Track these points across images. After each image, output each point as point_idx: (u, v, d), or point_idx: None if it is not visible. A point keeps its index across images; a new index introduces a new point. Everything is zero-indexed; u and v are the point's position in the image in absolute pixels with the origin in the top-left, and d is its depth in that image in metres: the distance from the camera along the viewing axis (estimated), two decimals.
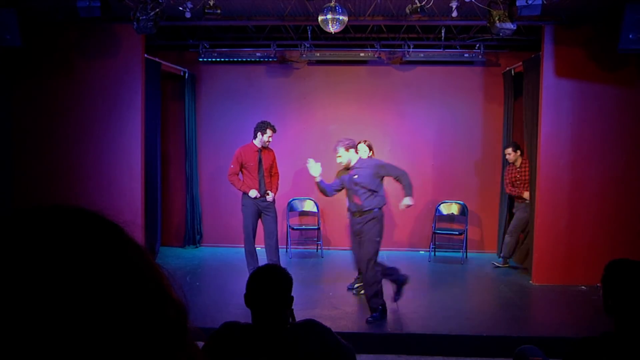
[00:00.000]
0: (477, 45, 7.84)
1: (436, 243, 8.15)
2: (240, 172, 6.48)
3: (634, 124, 6.57)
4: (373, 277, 5.18)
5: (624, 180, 6.58)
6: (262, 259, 6.41)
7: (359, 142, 6.10)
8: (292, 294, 2.27)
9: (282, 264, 6.59)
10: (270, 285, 2.21)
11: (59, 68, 6.90)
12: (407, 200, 5.34)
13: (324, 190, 5.37)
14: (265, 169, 6.46)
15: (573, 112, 6.59)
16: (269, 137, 6.41)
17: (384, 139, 8.50)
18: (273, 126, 6.46)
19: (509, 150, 7.34)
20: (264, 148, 6.46)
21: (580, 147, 6.60)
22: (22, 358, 0.47)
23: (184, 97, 8.25)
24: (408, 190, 5.34)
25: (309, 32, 7.70)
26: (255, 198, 6.39)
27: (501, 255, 7.53)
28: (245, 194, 6.37)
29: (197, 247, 8.47)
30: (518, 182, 7.28)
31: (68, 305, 0.49)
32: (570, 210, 6.61)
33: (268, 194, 6.44)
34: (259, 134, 6.42)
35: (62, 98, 6.91)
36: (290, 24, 7.34)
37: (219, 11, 5.68)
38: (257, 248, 6.57)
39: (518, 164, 7.29)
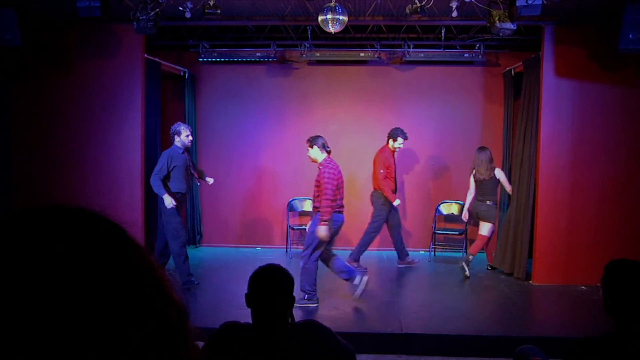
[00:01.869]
0: (477, 45, 7.84)
1: (436, 243, 8.15)
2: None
3: (634, 124, 6.56)
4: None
5: (624, 180, 6.58)
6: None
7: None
8: (293, 294, 2.27)
9: (282, 264, 6.58)
10: (272, 285, 2.21)
11: (59, 68, 6.90)
12: None
13: None
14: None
15: (573, 112, 6.59)
16: (400, 143, 7.14)
17: (384, 139, 8.49)
18: (405, 134, 7.13)
19: (307, 145, 5.73)
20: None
21: (580, 147, 6.60)
22: (23, 358, 0.47)
23: (184, 97, 8.25)
24: None
25: (309, 32, 7.70)
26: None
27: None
28: (377, 191, 7.10)
29: (197, 247, 8.47)
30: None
31: (69, 305, 0.49)
32: (570, 210, 6.61)
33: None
34: (390, 140, 7.18)
35: (62, 98, 6.91)
36: (290, 24, 7.34)
37: (219, 11, 5.68)
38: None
39: (320, 160, 5.64)
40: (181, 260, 6.06)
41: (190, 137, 6.20)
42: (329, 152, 5.66)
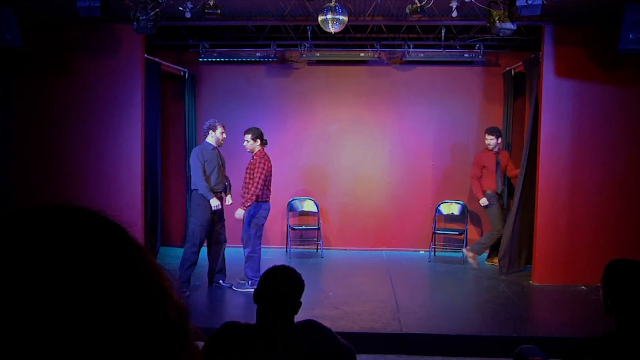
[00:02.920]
0: (477, 45, 7.84)
1: (436, 243, 8.15)
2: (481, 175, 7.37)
3: (634, 124, 6.56)
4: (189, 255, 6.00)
5: (624, 180, 6.58)
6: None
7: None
8: (300, 298, 2.29)
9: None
10: (280, 285, 2.23)
11: (59, 68, 6.90)
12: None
13: None
14: (502, 167, 7.38)
15: (573, 112, 6.59)
16: (486, 139, 7.31)
17: (384, 139, 8.50)
18: (492, 129, 7.30)
19: (250, 136, 6.20)
20: (500, 150, 7.41)
21: (580, 147, 6.60)
22: (23, 358, 0.47)
23: (184, 97, 8.24)
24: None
25: (309, 32, 7.70)
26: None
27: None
28: (485, 191, 7.27)
29: None
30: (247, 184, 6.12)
31: (69, 305, 0.49)
32: (570, 210, 6.61)
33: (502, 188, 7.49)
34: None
35: (62, 98, 6.91)
36: (290, 24, 7.34)
37: (219, 11, 5.68)
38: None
39: (255, 151, 6.19)
40: (186, 266, 6.01)
41: (225, 135, 6.23)
42: (264, 145, 6.23)
